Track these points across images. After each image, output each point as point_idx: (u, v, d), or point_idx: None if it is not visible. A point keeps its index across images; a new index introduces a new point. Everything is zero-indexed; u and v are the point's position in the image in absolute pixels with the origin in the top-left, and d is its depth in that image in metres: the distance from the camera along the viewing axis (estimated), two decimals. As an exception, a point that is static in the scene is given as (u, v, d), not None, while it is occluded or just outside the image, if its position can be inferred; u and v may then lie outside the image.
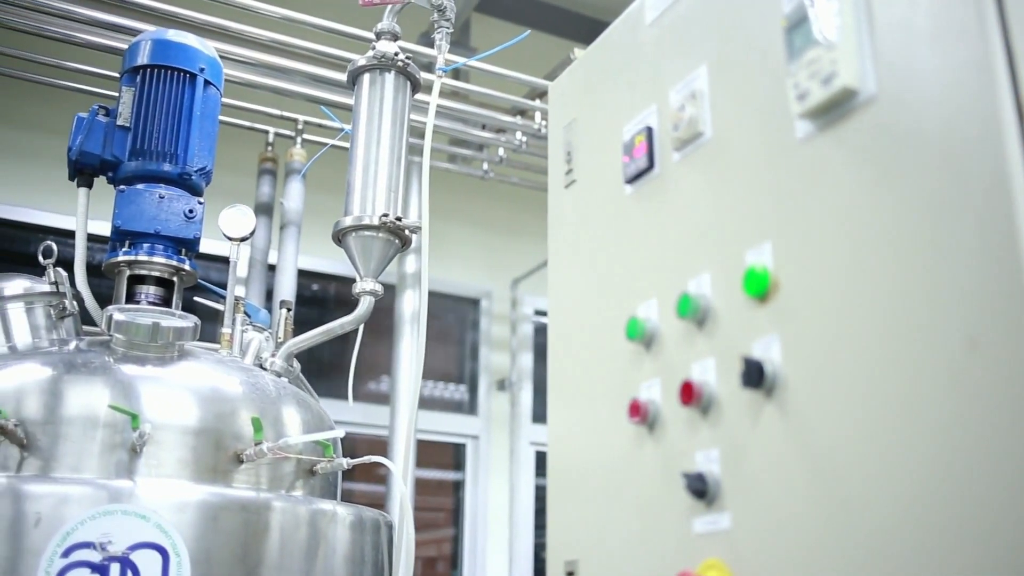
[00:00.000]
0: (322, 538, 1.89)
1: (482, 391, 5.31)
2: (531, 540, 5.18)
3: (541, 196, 5.10)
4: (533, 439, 5.26)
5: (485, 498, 5.13)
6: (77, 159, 2.24)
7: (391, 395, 4.22)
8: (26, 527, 1.59)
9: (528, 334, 5.45)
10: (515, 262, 5.37)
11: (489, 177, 4.62)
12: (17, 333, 2.01)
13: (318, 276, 4.98)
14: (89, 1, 3.63)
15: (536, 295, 5.44)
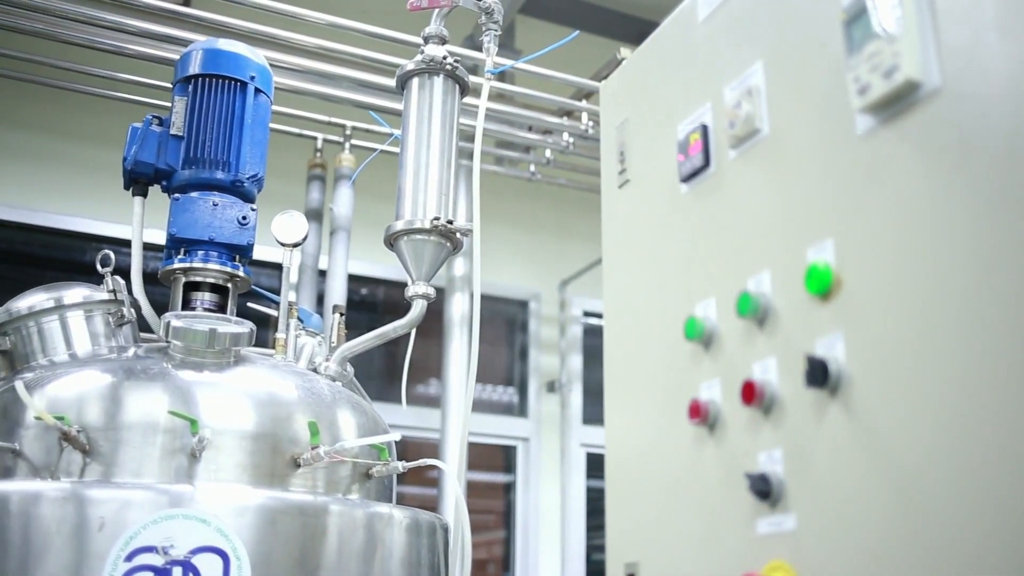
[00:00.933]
0: (379, 541, 1.89)
1: (532, 393, 5.31)
2: (583, 542, 5.17)
3: (589, 197, 5.13)
4: (584, 440, 5.24)
5: (536, 500, 5.13)
6: (132, 169, 2.27)
7: (442, 398, 4.23)
8: (90, 532, 1.61)
9: (577, 336, 5.44)
10: (563, 264, 5.36)
11: (536, 179, 4.61)
12: (77, 341, 2.03)
13: (367, 280, 5.02)
14: (140, 13, 3.68)
15: (585, 296, 5.42)
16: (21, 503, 1.64)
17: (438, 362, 4.40)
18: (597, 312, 5.59)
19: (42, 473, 1.73)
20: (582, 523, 5.16)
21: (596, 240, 5.04)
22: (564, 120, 4.23)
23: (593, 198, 5.15)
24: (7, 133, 4.65)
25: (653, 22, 1.69)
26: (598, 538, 5.41)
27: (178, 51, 3.75)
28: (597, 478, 5.44)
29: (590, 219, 5.52)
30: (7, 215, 4.58)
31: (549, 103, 4.19)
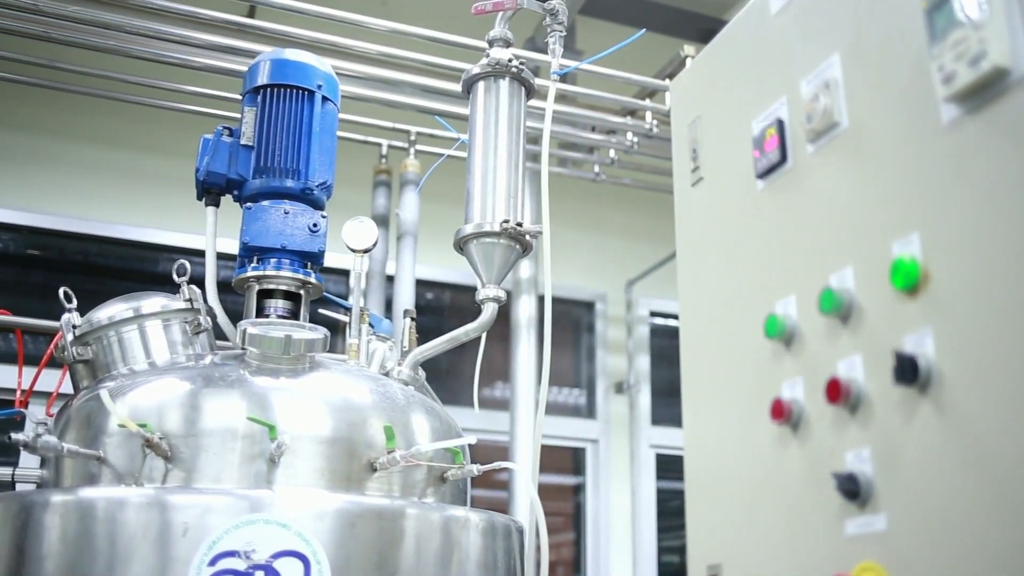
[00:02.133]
0: (456, 544, 1.89)
1: (600, 394, 5.29)
2: (654, 543, 5.14)
3: (654, 196, 5.10)
4: (653, 441, 5.21)
5: (607, 502, 5.10)
6: (204, 179, 2.29)
7: (511, 401, 4.23)
8: (174, 537, 1.63)
9: (644, 336, 5.41)
10: (629, 264, 5.33)
11: (601, 179, 4.60)
12: (156, 349, 2.06)
13: (432, 284, 5.04)
14: (206, 26, 3.74)
15: (651, 296, 5.39)
16: (107, 509, 1.67)
17: (503, 365, 4.40)
18: (664, 312, 5.55)
19: (126, 479, 1.76)
20: (653, 525, 5.13)
21: (662, 240, 5.03)
22: (628, 119, 4.21)
23: (658, 197, 5.16)
24: (80, 148, 4.77)
25: (715, 18, 1.68)
26: (668, 539, 5.37)
27: (243, 62, 3.83)
28: (666, 479, 5.41)
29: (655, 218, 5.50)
30: (83, 228, 4.69)
31: (612, 103, 4.17)
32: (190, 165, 2.30)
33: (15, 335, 4.58)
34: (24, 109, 4.57)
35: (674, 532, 5.50)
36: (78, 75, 4.06)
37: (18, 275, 4.88)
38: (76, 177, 4.73)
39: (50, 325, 2.90)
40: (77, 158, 4.75)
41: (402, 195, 4.09)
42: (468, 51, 3.70)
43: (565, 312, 5.45)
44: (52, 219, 4.67)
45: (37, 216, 4.67)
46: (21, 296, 4.79)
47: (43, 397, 2.89)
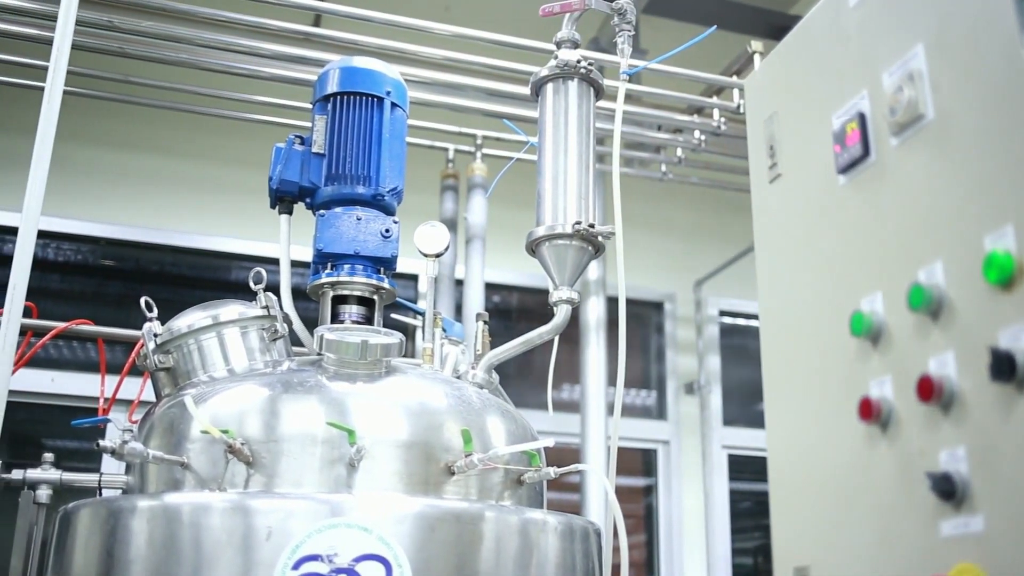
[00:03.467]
0: (534, 547, 1.89)
1: (670, 395, 5.25)
2: (728, 544, 5.08)
3: (721, 195, 5.05)
4: (725, 442, 5.16)
5: (679, 504, 5.06)
6: (277, 187, 2.32)
7: (581, 403, 4.22)
8: (258, 541, 1.65)
9: (714, 336, 5.36)
10: (697, 263, 5.29)
11: (668, 179, 4.56)
12: (234, 356, 2.09)
13: (499, 288, 5.06)
14: (273, 37, 3.79)
15: (720, 296, 5.34)
16: (192, 514, 1.69)
17: (570, 367, 4.39)
18: (734, 311, 5.50)
19: (209, 485, 1.78)
20: (726, 526, 5.07)
21: (730, 238, 4.98)
22: (694, 118, 4.17)
23: (726, 195, 5.10)
24: (154, 160, 4.87)
25: (782, 13, 1.65)
26: (741, 541, 5.31)
27: (310, 71, 3.89)
28: (739, 480, 5.35)
29: (723, 217, 5.45)
30: (157, 238, 4.79)
31: (678, 101, 4.14)
32: (260, 174, 2.33)
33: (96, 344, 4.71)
34: (100, 123, 4.68)
35: (746, 533, 5.43)
36: (151, 89, 4.15)
37: (96, 286, 5.00)
38: (150, 189, 4.83)
39: (130, 334, 2.97)
40: (151, 170, 4.85)
41: (469, 199, 4.10)
42: (531, 53, 3.70)
43: (634, 313, 5.42)
44: (128, 230, 4.78)
45: (113, 227, 4.78)
46: (98, 306, 4.91)
47: (122, 404, 2.96)
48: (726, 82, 3.98)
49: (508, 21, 4.06)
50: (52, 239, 4.76)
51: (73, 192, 4.58)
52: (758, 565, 5.50)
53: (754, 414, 5.50)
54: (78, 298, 4.94)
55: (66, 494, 2.00)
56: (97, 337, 2.89)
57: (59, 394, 4.50)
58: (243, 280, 2.95)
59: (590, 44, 4.45)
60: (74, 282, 4.97)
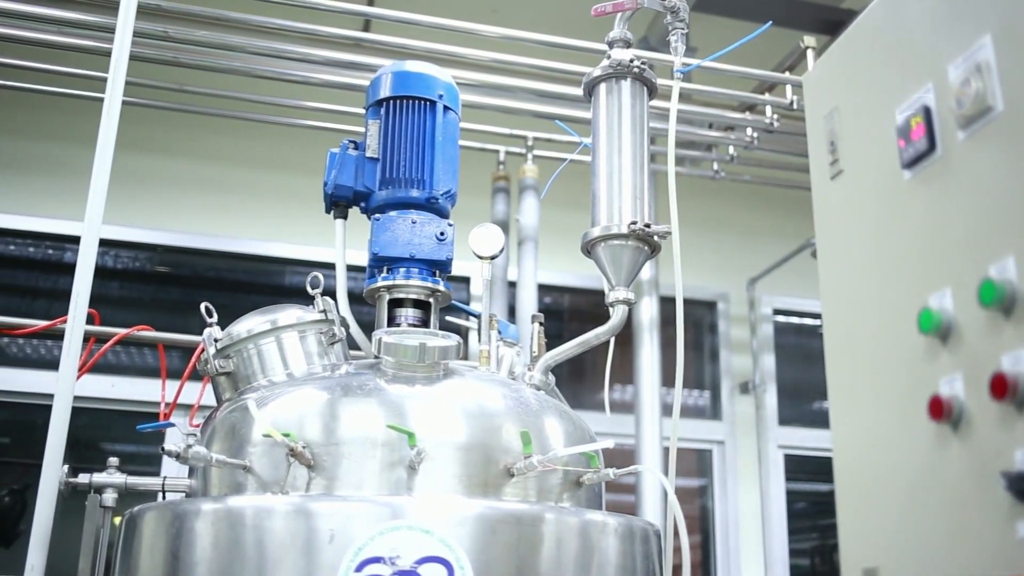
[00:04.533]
0: (595, 549, 1.88)
1: (724, 395, 5.21)
2: (786, 546, 5.03)
3: (774, 192, 5.00)
4: (781, 442, 5.11)
5: (735, 504, 5.02)
6: (332, 192, 2.33)
7: (635, 403, 4.20)
8: (320, 543, 1.66)
9: (768, 334, 5.31)
10: (750, 262, 5.25)
11: (720, 177, 4.53)
12: (293, 360, 2.10)
13: (550, 289, 5.05)
14: (324, 43, 3.83)
15: (774, 294, 5.29)
16: (255, 517, 1.71)
17: (622, 367, 4.38)
18: (788, 310, 5.44)
19: (272, 488, 1.80)
20: (784, 527, 5.02)
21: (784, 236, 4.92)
22: (747, 115, 4.13)
23: (779, 193, 5.04)
24: (209, 167, 4.94)
25: (833, 7, 1.63)
26: (798, 542, 5.25)
27: (360, 76, 3.92)
28: (796, 480, 5.29)
29: (777, 214, 5.39)
30: (213, 244, 4.86)
31: (730, 99, 4.10)
32: (312, 180, 2.35)
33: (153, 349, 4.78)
34: (156, 132, 4.75)
35: (803, 534, 5.37)
36: (206, 97, 4.21)
37: (153, 292, 5.08)
38: (205, 196, 4.90)
39: (189, 339, 3.01)
40: (206, 177, 4.92)
41: (521, 200, 4.10)
42: (579, 53, 3.69)
43: (687, 312, 5.34)
44: (184, 237, 4.85)
45: (170, 234, 4.85)
46: (156, 312, 4.99)
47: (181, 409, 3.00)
48: (778, 78, 3.94)
49: (555, 22, 4.06)
50: (111, 247, 4.85)
51: (131, 200, 4.66)
52: (815, 566, 5.44)
53: (810, 413, 5.44)
54: (136, 304, 5.02)
55: (129, 497, 2.03)
56: (157, 343, 2.94)
57: (119, 399, 4.58)
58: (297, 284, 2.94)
59: (640, 43, 4.43)
60: (132, 289, 5.05)
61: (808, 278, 5.23)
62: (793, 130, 4.08)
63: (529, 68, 3.91)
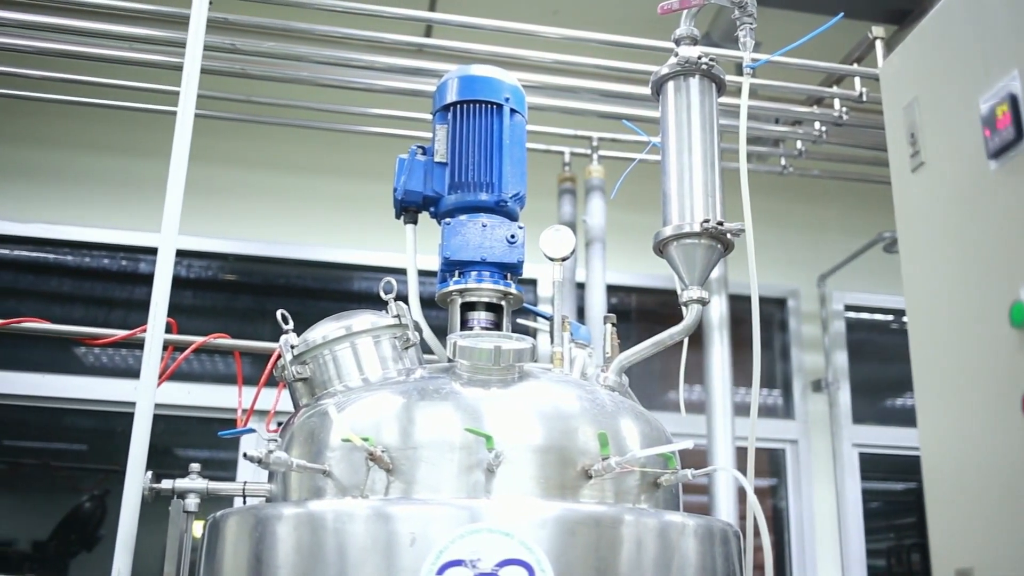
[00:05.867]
0: (674, 550, 1.86)
1: (796, 394, 5.15)
2: (862, 546, 4.95)
3: (844, 187, 4.93)
4: (856, 440, 5.03)
5: (809, 504, 4.95)
6: (402, 198, 2.35)
7: (706, 403, 4.17)
8: (401, 547, 1.67)
9: (840, 331, 5.23)
10: (820, 258, 5.18)
11: (788, 172, 4.47)
12: (368, 366, 2.12)
13: (617, 289, 5.03)
14: (387, 50, 3.87)
15: (845, 290, 5.22)
16: (336, 521, 1.72)
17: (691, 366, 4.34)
18: (860, 306, 5.36)
19: (351, 492, 1.81)
20: (860, 527, 4.94)
21: (854, 231, 4.86)
22: (814, 109, 4.08)
23: (849, 187, 4.98)
24: (277, 176, 5.02)
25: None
26: (874, 542, 5.17)
27: (423, 82, 3.95)
28: (871, 480, 5.20)
29: (846, 209, 5.32)
30: (283, 252, 4.93)
31: (796, 93, 4.05)
32: (377, 185, 2.37)
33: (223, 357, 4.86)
34: (225, 143, 4.83)
35: (879, 534, 5.28)
36: (273, 107, 4.28)
37: (226, 300, 5.18)
38: (274, 204, 4.97)
39: (265, 346, 3.05)
40: (274, 186, 5.00)
41: (588, 201, 4.10)
42: (641, 52, 3.67)
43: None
44: (254, 245, 4.93)
45: (241, 243, 4.93)
46: (228, 320, 5.08)
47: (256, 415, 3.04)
48: (848, 70, 3.88)
49: (616, 21, 4.05)
50: (183, 256, 4.95)
51: (202, 210, 4.75)
52: (892, 567, 5.35)
53: (885, 411, 5.34)
54: (208, 312, 5.11)
55: (208, 502, 2.06)
56: (233, 350, 2.98)
57: (193, 406, 4.67)
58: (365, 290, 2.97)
59: (703, 40, 4.39)
60: (205, 297, 5.15)
61: (881, 273, 5.18)
62: (863, 123, 4.01)
63: (591, 68, 3.91)
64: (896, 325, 5.48)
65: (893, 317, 5.47)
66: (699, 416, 4.34)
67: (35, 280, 5.06)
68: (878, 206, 5.28)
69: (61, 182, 4.91)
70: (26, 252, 4.98)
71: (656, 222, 2.15)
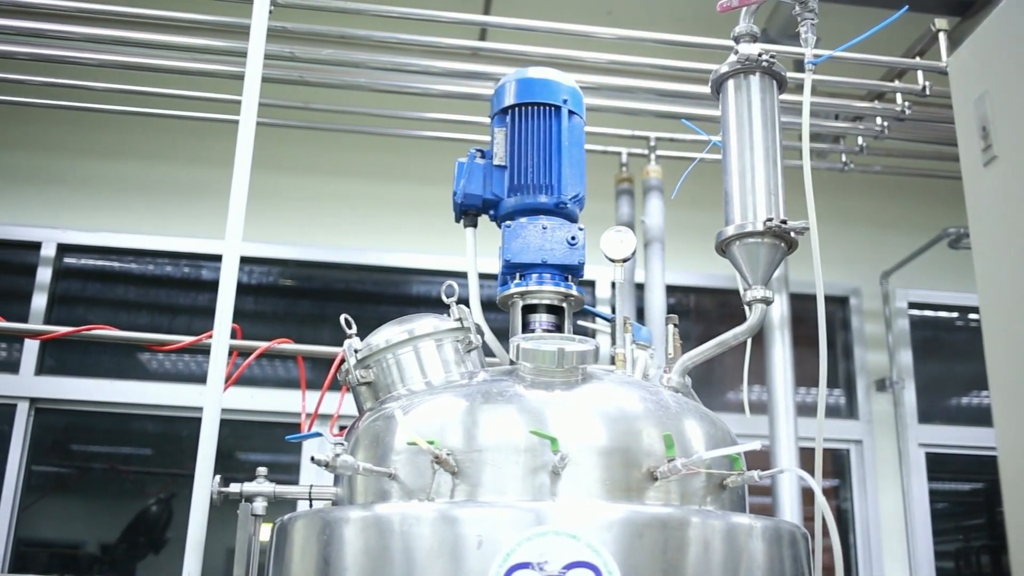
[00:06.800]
0: (742, 553, 1.84)
1: (860, 393, 5.07)
2: (931, 548, 4.86)
3: (906, 182, 4.85)
4: (922, 440, 4.94)
5: (875, 505, 4.88)
6: (462, 201, 2.36)
7: (768, 403, 4.12)
8: (468, 550, 1.68)
9: (904, 329, 5.15)
10: (882, 255, 5.10)
11: (849, 169, 4.41)
12: (431, 369, 2.13)
13: (674, 289, 5.00)
14: (441, 54, 3.88)
15: (909, 287, 5.13)
16: (403, 524, 1.73)
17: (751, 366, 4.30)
18: (925, 303, 5.27)
19: (418, 495, 1.82)
20: (928, 528, 4.85)
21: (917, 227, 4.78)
22: (875, 104, 4.02)
23: (911, 183, 4.90)
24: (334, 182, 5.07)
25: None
26: (941, 544, 5.07)
27: (478, 85, 3.96)
28: (939, 480, 5.11)
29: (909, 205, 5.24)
30: (342, 257, 4.97)
31: (856, 88, 3.99)
32: (432, 189, 2.38)
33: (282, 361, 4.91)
34: (282, 150, 4.90)
35: (945, 536, 5.18)
36: (331, 114, 4.32)
37: (286, 305, 5.24)
38: (333, 210, 5.03)
39: (328, 351, 3.09)
40: (332, 191, 5.05)
41: (646, 201, 4.08)
42: (697, 50, 3.64)
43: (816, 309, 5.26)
44: (314, 251, 4.99)
45: (300, 249, 4.99)
46: (288, 325, 5.13)
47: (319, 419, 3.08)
48: (910, 64, 3.81)
49: (670, 20, 4.03)
50: (244, 263, 5.02)
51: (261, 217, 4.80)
52: (960, 569, 5.24)
53: (952, 410, 5.25)
54: (269, 318, 5.18)
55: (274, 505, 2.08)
56: (296, 355, 3.02)
57: (256, 410, 4.73)
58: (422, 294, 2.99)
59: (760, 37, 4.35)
60: (265, 303, 5.21)
61: (946, 269, 5.09)
62: (926, 117, 3.95)
63: (647, 68, 3.89)
64: (962, 322, 5.38)
65: (958, 314, 5.37)
66: (760, 417, 4.29)
67: (101, 288, 5.17)
68: (942, 201, 5.21)
69: (125, 192, 5.01)
70: (93, 261, 5.09)
71: (713, 221, 2.14)
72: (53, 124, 4.93)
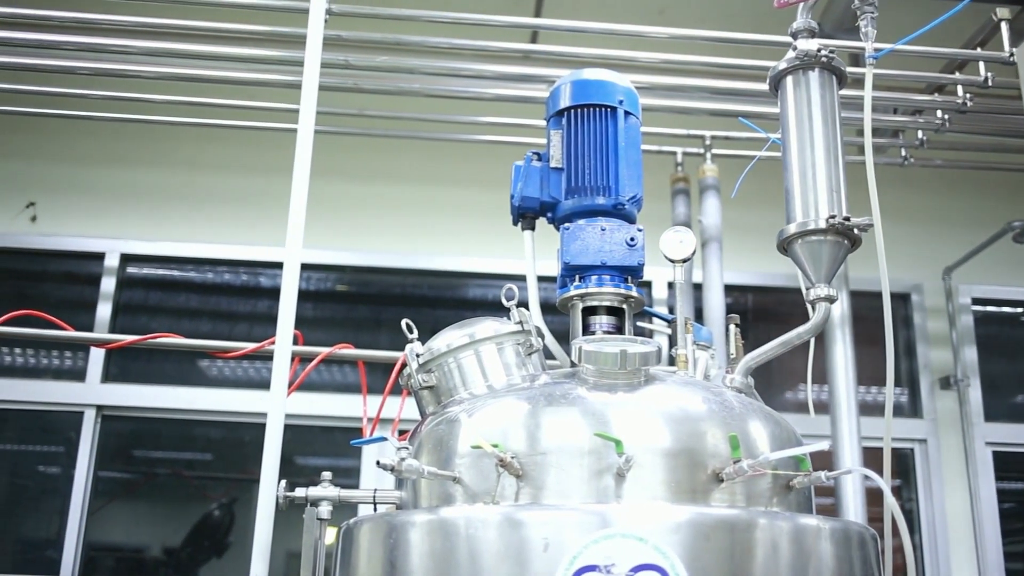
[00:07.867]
0: (810, 555, 1.82)
1: (924, 391, 4.99)
2: (1000, 549, 4.76)
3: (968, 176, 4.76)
4: (989, 439, 4.84)
5: (941, 505, 4.79)
6: (520, 204, 2.36)
7: (830, 403, 4.07)
8: (534, 552, 1.68)
9: (969, 326, 5.05)
10: (944, 251, 5.02)
11: (909, 163, 4.34)
12: (492, 372, 2.14)
13: (731, 289, 4.96)
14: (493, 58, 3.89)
15: (973, 283, 5.03)
16: (468, 527, 1.74)
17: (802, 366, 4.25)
18: (989, 299, 5.17)
19: (482, 498, 1.83)
20: (996, 529, 4.75)
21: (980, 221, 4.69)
22: (935, 97, 3.95)
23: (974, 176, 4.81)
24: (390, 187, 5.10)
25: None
26: (1011, 544, 4.97)
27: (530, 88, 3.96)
28: (1006, 480, 5.01)
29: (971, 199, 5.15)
30: (398, 262, 5.01)
31: (915, 80, 3.93)
32: (488, 192, 2.38)
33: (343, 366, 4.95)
34: (338, 157, 4.94)
35: (1014, 536, 5.07)
36: (385, 120, 4.36)
37: (345, 311, 5.29)
38: (390, 216, 5.07)
39: (388, 355, 3.11)
40: (388, 197, 5.09)
41: (703, 201, 4.05)
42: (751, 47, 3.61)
43: (878, 306, 5.18)
44: (370, 256, 5.03)
45: (357, 255, 5.03)
46: (346, 330, 5.18)
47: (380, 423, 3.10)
48: (972, 55, 3.74)
49: (722, 17, 4.00)
50: (303, 269, 5.06)
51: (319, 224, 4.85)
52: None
53: (1018, 407, 5.14)
54: (328, 323, 5.23)
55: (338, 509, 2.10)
56: (357, 359, 3.04)
57: (316, 415, 4.77)
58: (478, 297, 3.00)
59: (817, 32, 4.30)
60: (324, 308, 5.27)
61: (1011, 264, 4.98)
62: (989, 108, 3.87)
63: (701, 66, 3.87)
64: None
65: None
66: (821, 416, 4.24)
67: (163, 296, 5.26)
68: (1006, 195, 5.10)
69: (184, 202, 5.10)
70: (155, 270, 5.18)
71: (768, 219, 2.12)
72: (114, 137, 5.03)
